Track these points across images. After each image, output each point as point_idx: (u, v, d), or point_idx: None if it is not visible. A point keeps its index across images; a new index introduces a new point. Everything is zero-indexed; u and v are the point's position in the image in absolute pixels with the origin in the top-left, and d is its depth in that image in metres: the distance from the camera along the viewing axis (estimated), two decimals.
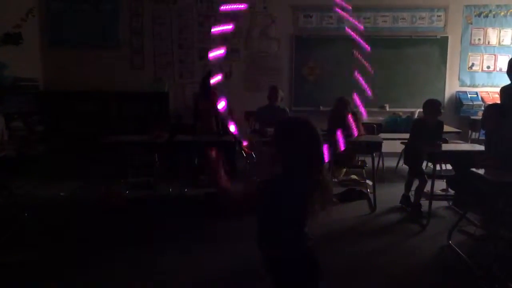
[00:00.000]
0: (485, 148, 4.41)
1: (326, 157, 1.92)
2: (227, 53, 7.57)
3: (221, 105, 2.55)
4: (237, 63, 7.81)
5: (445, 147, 4.93)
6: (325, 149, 1.88)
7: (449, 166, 5.29)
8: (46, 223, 4.52)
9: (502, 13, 7.69)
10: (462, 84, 7.87)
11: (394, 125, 6.77)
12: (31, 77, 7.02)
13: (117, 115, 7.30)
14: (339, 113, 5.49)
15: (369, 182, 5.58)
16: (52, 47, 7.68)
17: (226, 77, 7.73)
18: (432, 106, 4.95)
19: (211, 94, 5.53)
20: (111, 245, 4.01)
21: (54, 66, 7.63)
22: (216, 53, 3.53)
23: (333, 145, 5.29)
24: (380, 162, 6.50)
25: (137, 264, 3.63)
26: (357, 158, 5.78)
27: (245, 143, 5.11)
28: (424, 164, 5.34)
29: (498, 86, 6.41)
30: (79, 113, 7.30)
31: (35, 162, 6.35)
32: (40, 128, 6.83)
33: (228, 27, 4.18)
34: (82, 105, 7.33)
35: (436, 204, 4.92)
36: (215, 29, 4.03)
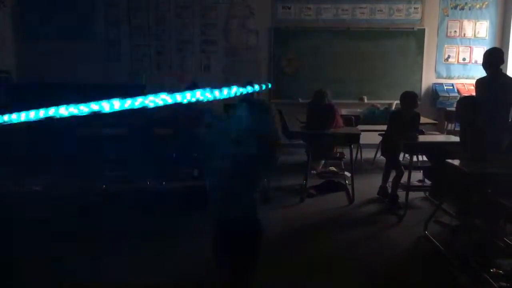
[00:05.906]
0: (460, 139, 4.46)
1: None
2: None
3: None
4: (216, 55, 7.76)
5: (422, 138, 4.98)
6: None
7: (426, 157, 5.35)
8: (20, 219, 4.42)
9: (478, 6, 7.79)
10: (439, 76, 7.96)
11: (372, 117, 6.82)
12: (4, 69, 6.84)
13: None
14: (318, 105, 5.48)
15: (347, 174, 5.61)
16: (25, 38, 7.50)
17: (204, 69, 7.68)
18: (409, 98, 4.98)
19: None
20: (87, 240, 3.95)
21: (28, 58, 7.44)
22: None
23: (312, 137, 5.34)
24: (358, 154, 6.55)
25: (114, 259, 3.59)
26: (335, 150, 5.81)
27: None
28: (401, 155, 5.39)
29: (473, 78, 6.51)
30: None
31: (8, 156, 6.21)
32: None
33: None
34: (57, 98, 7.16)
35: (412, 195, 4.98)
36: None
